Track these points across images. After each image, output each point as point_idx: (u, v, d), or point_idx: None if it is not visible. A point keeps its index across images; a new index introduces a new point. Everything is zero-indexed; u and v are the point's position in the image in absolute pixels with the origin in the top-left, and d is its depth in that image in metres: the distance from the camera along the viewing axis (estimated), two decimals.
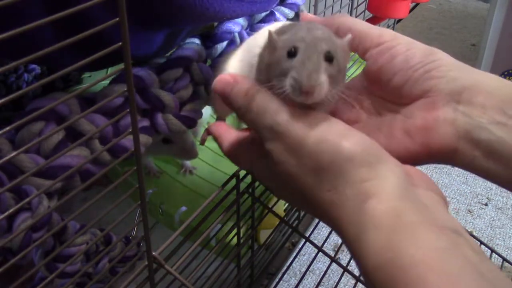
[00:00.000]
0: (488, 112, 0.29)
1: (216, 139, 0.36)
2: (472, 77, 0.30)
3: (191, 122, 0.43)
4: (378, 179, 0.26)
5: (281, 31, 0.30)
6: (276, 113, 0.28)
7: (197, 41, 0.48)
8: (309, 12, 0.84)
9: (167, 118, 0.42)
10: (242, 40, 0.51)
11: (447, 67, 0.31)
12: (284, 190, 0.31)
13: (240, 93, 0.30)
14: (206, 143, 0.43)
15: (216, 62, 0.49)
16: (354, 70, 0.75)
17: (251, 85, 0.30)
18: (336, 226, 0.27)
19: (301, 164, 0.27)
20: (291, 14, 0.58)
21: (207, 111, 0.64)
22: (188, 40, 0.48)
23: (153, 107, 0.41)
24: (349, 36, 0.31)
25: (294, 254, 0.70)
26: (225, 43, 0.50)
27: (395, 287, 0.22)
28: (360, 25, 0.34)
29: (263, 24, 0.55)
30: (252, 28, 0.55)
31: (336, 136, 0.27)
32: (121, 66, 0.26)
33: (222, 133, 0.35)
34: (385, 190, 0.25)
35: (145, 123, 0.40)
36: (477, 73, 0.31)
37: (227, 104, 0.31)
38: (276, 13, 0.56)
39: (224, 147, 0.34)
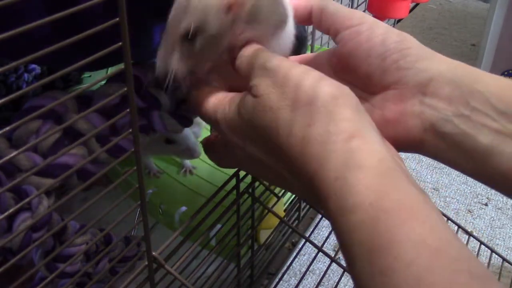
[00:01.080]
0: (454, 104, 0.29)
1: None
2: (439, 67, 0.30)
3: (188, 121, 0.43)
4: (360, 122, 0.25)
5: None
6: (269, 55, 0.29)
7: None
8: None
9: (164, 117, 0.42)
10: None
11: (415, 57, 0.31)
12: (251, 140, 0.30)
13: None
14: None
15: None
16: None
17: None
18: (311, 170, 0.25)
19: (283, 96, 0.26)
20: None
21: None
22: None
23: (150, 105, 0.41)
24: None
25: (294, 254, 0.70)
26: None
27: (375, 228, 0.21)
28: (334, 5, 0.34)
29: None
30: None
31: (317, 74, 0.27)
32: (121, 66, 0.26)
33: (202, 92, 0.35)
34: (369, 133, 0.25)
35: (142, 121, 0.40)
36: (444, 62, 0.31)
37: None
38: None
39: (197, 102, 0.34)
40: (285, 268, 0.67)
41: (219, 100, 0.32)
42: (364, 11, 0.72)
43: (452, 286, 0.19)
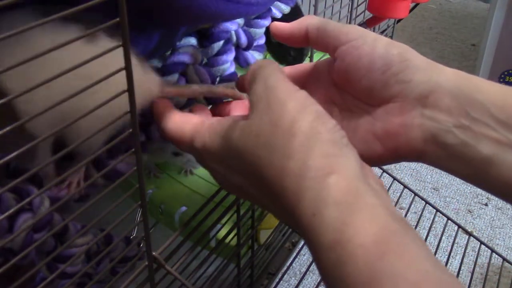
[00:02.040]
0: (454, 115, 0.29)
1: (157, 116, 0.35)
2: (438, 79, 0.30)
3: None
4: (342, 157, 0.25)
5: None
6: (273, 70, 0.29)
7: (193, 41, 0.48)
8: (309, 12, 0.84)
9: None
10: (238, 38, 0.52)
11: (414, 69, 0.31)
12: (233, 171, 0.30)
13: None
14: None
15: (213, 61, 0.49)
16: None
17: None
18: (291, 204, 0.25)
19: (276, 122, 0.26)
20: (287, 9, 0.58)
21: None
22: (184, 41, 0.48)
23: (149, 120, 0.41)
24: None
25: (294, 254, 0.70)
26: (221, 42, 0.50)
27: (354, 265, 0.21)
28: (328, 23, 0.34)
29: (260, 20, 0.55)
30: (248, 24, 0.55)
31: (315, 112, 0.27)
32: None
33: (163, 108, 0.35)
34: (347, 168, 0.25)
35: (141, 138, 0.40)
36: (443, 72, 0.31)
37: None
38: (273, 8, 0.56)
39: (162, 121, 0.34)
40: (285, 268, 0.67)
41: (195, 128, 0.32)
42: (364, 11, 0.72)
43: None
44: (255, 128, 0.27)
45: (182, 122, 0.33)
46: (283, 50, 0.79)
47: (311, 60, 0.60)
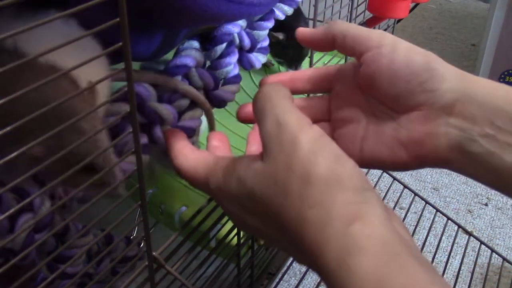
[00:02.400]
0: (479, 124, 0.29)
1: (168, 149, 0.35)
2: (463, 88, 0.30)
3: (190, 131, 0.43)
4: (366, 203, 0.24)
5: None
6: (285, 105, 0.28)
7: (195, 44, 0.48)
8: (308, 12, 0.84)
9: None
10: (241, 40, 0.51)
11: (440, 78, 0.31)
12: (250, 212, 0.29)
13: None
14: (206, 142, 0.43)
15: (216, 64, 0.49)
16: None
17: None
18: (312, 252, 0.24)
19: (291, 166, 0.25)
20: (290, 11, 0.58)
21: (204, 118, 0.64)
22: (186, 44, 0.48)
23: (151, 121, 0.41)
24: None
25: None
26: (224, 44, 0.50)
27: None
28: (356, 29, 0.34)
29: (263, 22, 0.55)
30: (252, 26, 0.55)
31: (332, 154, 0.26)
32: (121, 65, 0.26)
33: (175, 142, 0.35)
34: (372, 215, 0.24)
35: (143, 140, 0.40)
36: (469, 80, 0.31)
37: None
38: (276, 10, 0.56)
39: (176, 159, 0.34)
40: (285, 268, 0.67)
41: (209, 168, 0.31)
42: (364, 11, 0.72)
43: None
44: (270, 173, 0.26)
45: (195, 160, 0.32)
46: (282, 50, 0.80)
47: (311, 61, 0.59)
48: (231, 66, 0.49)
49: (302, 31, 0.36)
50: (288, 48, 0.79)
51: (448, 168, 0.32)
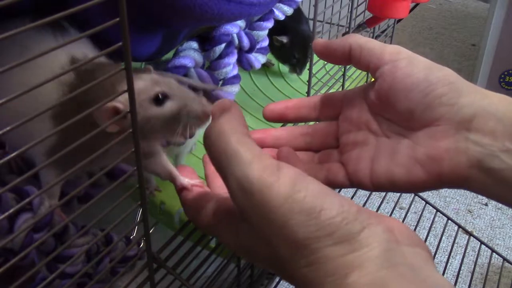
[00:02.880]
0: (499, 139, 0.29)
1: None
2: (481, 102, 0.30)
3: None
4: (360, 250, 0.23)
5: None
6: (247, 162, 0.24)
7: (194, 45, 0.48)
8: (308, 12, 0.84)
9: None
10: (240, 41, 0.52)
11: (458, 93, 0.30)
12: (253, 259, 0.29)
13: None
14: None
15: (215, 65, 0.49)
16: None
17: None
18: None
19: (274, 232, 0.24)
20: (289, 11, 0.58)
21: None
22: (185, 45, 0.48)
23: None
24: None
25: None
26: (223, 45, 0.50)
27: None
28: (372, 42, 0.33)
29: (262, 22, 0.55)
30: (251, 26, 0.55)
31: (310, 201, 0.23)
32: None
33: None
34: (368, 261, 0.23)
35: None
36: (487, 96, 0.30)
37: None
38: (275, 10, 0.56)
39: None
40: None
41: (216, 213, 0.31)
42: (364, 11, 0.72)
43: None
44: (260, 234, 0.25)
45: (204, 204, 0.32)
46: (287, 53, 0.79)
47: (310, 63, 0.59)
48: (230, 66, 0.49)
49: (318, 42, 0.35)
50: (292, 52, 0.79)
51: (466, 188, 0.30)
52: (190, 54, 0.47)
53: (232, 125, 0.26)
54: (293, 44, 0.78)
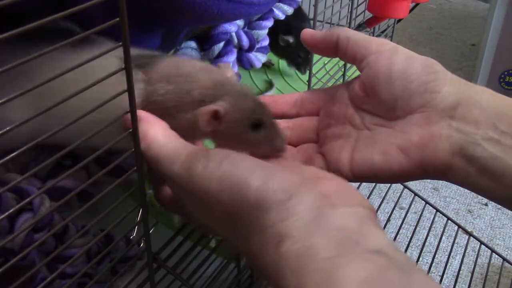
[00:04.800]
0: (482, 127, 0.29)
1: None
2: (466, 92, 0.30)
3: None
4: (289, 218, 0.23)
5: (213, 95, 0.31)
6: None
7: (192, 44, 0.48)
8: (309, 12, 0.84)
9: None
10: (239, 40, 0.52)
11: (443, 81, 0.31)
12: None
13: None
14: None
15: (214, 64, 0.49)
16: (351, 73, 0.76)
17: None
18: (290, 284, 0.22)
19: (211, 215, 0.25)
20: (289, 10, 0.58)
21: None
22: (183, 45, 0.48)
23: None
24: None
25: None
26: (221, 44, 0.50)
27: None
28: (357, 34, 0.34)
29: (262, 21, 0.55)
30: (251, 25, 0.55)
31: (238, 177, 0.24)
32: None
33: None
34: (296, 229, 0.22)
35: None
36: (471, 87, 0.31)
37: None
38: (275, 10, 0.56)
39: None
40: None
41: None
42: (364, 11, 0.72)
43: None
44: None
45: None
46: (292, 53, 0.79)
47: (310, 63, 0.59)
48: (229, 65, 0.49)
49: (307, 31, 0.36)
50: (298, 51, 0.79)
51: (448, 178, 0.31)
52: (188, 52, 0.47)
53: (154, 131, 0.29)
54: (298, 44, 0.78)
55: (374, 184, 0.87)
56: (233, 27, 0.50)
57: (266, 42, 0.57)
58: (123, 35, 0.25)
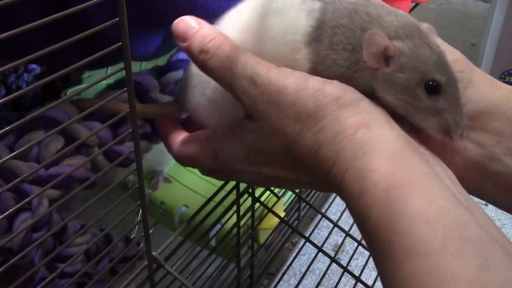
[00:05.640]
0: (504, 140, 0.27)
1: (164, 140, 0.34)
2: (492, 98, 0.27)
3: None
4: (364, 113, 0.25)
5: (393, 34, 0.26)
6: (256, 64, 0.27)
7: None
8: None
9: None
10: None
11: (466, 83, 0.28)
12: (264, 164, 0.29)
13: (207, 37, 0.28)
14: None
15: None
16: None
17: (218, 33, 0.28)
18: (326, 171, 0.25)
19: (283, 113, 0.26)
20: None
21: None
22: None
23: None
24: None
25: (294, 254, 0.70)
26: None
27: (379, 207, 0.22)
28: None
29: None
30: None
31: (316, 83, 0.26)
32: (120, 65, 0.26)
33: (169, 133, 0.33)
34: (373, 123, 0.25)
35: (146, 128, 0.40)
36: (500, 89, 0.28)
37: (185, 49, 0.29)
38: None
39: (175, 149, 0.32)
40: (285, 268, 0.67)
41: (211, 141, 0.31)
42: None
43: (444, 252, 0.19)
44: (267, 127, 0.27)
45: (195, 142, 0.32)
46: None
47: None
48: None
49: None
50: None
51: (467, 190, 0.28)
52: None
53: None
54: None
55: None
56: None
57: None
58: (123, 35, 0.24)
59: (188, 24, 0.28)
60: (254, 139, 0.28)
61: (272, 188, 0.53)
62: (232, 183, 0.44)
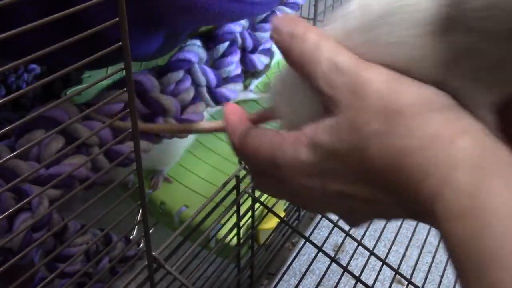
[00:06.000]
0: None
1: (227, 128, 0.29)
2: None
3: None
4: (465, 119, 0.22)
5: None
6: (335, 46, 0.25)
7: (198, 42, 0.48)
8: (309, 12, 0.84)
9: (168, 123, 0.42)
10: (243, 40, 0.52)
11: None
12: (332, 175, 0.25)
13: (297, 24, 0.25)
14: (205, 143, 0.43)
15: (219, 63, 0.49)
16: None
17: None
18: (415, 181, 0.22)
19: (368, 108, 0.23)
20: (292, 13, 0.58)
21: (206, 114, 0.64)
22: (189, 42, 0.48)
23: (154, 111, 0.41)
24: None
25: (294, 254, 0.70)
26: (226, 43, 0.50)
27: (488, 236, 0.19)
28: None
29: (265, 24, 0.56)
30: (253, 28, 0.55)
31: (408, 79, 0.23)
32: (120, 65, 0.26)
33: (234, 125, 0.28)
34: (473, 127, 0.22)
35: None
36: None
37: (275, 31, 0.26)
38: (278, 13, 0.56)
39: (237, 140, 0.28)
40: (285, 268, 0.67)
41: (275, 143, 0.27)
42: None
43: None
44: (348, 122, 0.24)
45: (259, 139, 0.28)
46: None
47: None
48: (233, 65, 0.50)
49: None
50: None
51: None
52: (194, 49, 0.47)
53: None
54: None
55: None
56: (238, 27, 0.51)
57: (269, 45, 0.57)
58: (123, 35, 0.24)
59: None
60: (328, 138, 0.25)
61: None
62: (232, 183, 0.44)
